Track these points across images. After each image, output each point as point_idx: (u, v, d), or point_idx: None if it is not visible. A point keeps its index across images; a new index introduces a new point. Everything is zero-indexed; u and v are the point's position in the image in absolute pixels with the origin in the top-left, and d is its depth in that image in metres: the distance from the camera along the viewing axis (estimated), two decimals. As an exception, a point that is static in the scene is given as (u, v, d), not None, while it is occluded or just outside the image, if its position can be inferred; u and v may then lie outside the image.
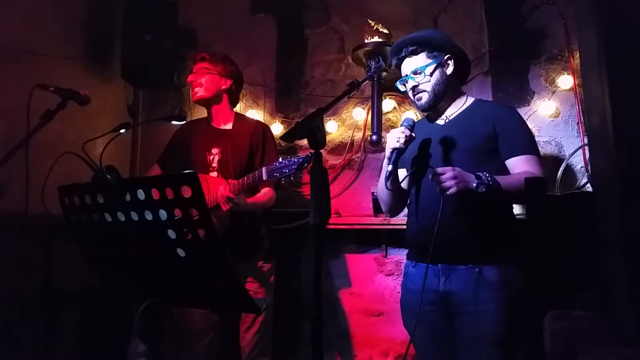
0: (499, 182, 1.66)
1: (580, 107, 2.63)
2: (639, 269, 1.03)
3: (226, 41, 3.34)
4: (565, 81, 2.68)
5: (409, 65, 1.94)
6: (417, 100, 1.94)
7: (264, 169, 2.12)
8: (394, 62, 2.03)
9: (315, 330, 1.23)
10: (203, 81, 2.46)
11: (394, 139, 1.80)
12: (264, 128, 2.56)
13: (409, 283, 1.91)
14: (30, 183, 1.84)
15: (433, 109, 1.98)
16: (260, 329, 2.40)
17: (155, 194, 1.17)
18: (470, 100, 1.99)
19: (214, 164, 2.43)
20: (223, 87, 2.50)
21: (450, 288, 1.77)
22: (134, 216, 1.22)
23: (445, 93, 1.93)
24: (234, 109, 2.63)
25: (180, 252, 1.21)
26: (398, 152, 1.80)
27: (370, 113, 2.86)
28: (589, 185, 2.54)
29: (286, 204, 2.88)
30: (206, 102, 2.51)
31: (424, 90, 1.91)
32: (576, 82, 2.64)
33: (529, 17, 2.80)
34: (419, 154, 1.93)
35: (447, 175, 1.64)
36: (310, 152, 1.33)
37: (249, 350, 2.39)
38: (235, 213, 2.28)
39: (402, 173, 1.95)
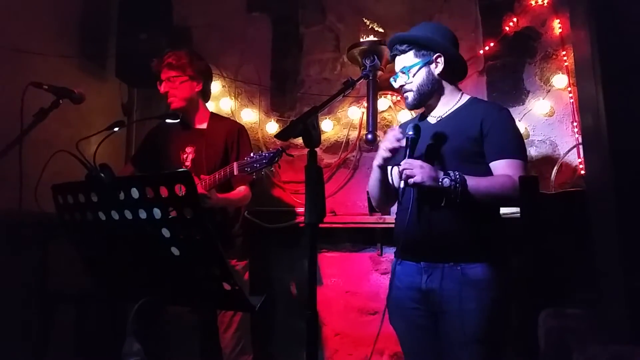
0: (467, 182, 1.66)
1: (574, 106, 2.64)
2: (632, 268, 1.04)
3: (221, 40, 3.33)
4: (560, 80, 2.69)
5: (399, 62, 1.94)
6: (405, 99, 1.96)
7: (235, 163, 2.17)
8: (390, 57, 2.02)
9: (310, 329, 1.23)
10: (177, 91, 2.43)
11: (384, 147, 1.82)
12: (239, 127, 2.57)
13: (395, 280, 1.89)
14: (24, 182, 1.83)
15: (420, 107, 1.98)
16: (238, 327, 2.40)
17: (149, 193, 1.16)
18: (465, 98, 1.95)
19: (187, 163, 2.44)
20: (196, 89, 2.49)
21: (432, 286, 1.76)
22: (128, 215, 1.21)
23: (432, 92, 1.92)
24: (209, 108, 2.62)
25: (175, 251, 1.21)
26: (388, 159, 1.83)
27: (365, 112, 2.87)
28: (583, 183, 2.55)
29: (279, 204, 2.89)
30: (183, 109, 2.49)
31: (410, 90, 1.92)
32: (571, 81, 2.65)
33: (524, 16, 2.81)
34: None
35: (415, 163, 1.68)
36: (281, 147, 1.33)
37: (229, 350, 2.39)
38: (207, 211, 2.27)
39: (393, 171, 1.94)
